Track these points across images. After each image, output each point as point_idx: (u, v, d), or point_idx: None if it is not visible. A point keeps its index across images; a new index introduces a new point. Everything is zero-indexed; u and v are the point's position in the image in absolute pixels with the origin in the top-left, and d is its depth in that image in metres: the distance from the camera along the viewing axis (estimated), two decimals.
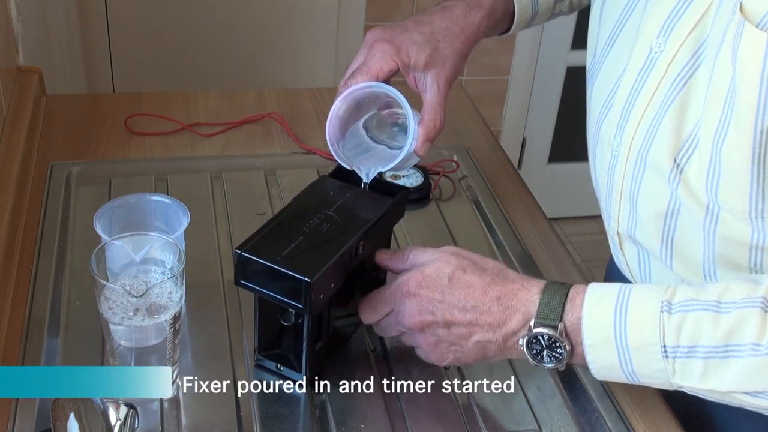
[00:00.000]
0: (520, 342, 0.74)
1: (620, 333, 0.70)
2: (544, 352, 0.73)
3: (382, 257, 0.83)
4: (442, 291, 0.76)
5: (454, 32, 0.91)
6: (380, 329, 0.83)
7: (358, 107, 0.88)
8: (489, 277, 0.76)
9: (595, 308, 0.71)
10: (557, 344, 0.72)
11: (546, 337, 0.72)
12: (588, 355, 0.72)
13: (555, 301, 0.73)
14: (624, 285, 0.72)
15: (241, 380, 0.82)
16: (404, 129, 0.87)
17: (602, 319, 0.71)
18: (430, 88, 0.88)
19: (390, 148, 0.90)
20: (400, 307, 0.78)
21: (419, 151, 0.87)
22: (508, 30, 1.01)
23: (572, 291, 0.73)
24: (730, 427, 0.86)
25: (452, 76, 0.90)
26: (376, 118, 0.91)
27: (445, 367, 0.86)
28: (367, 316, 0.82)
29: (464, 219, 1.10)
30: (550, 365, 0.74)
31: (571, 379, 0.86)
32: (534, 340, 0.73)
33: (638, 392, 0.84)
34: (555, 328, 0.72)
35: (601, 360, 0.72)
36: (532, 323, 0.73)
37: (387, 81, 0.88)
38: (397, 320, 0.79)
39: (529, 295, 0.74)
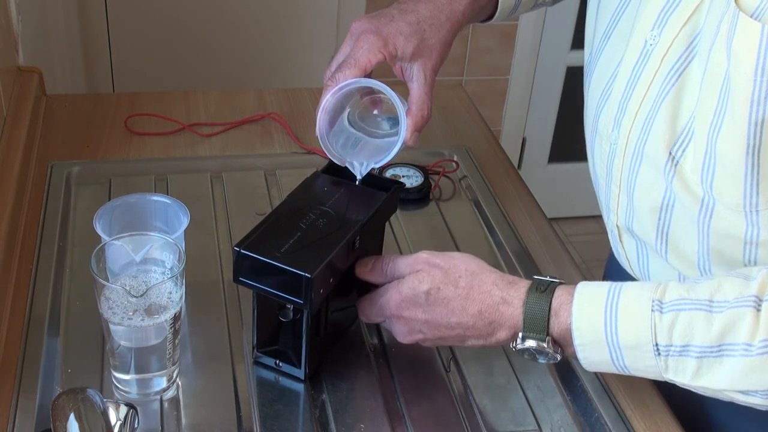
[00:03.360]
0: (512, 346, 0.76)
1: (611, 332, 0.71)
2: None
3: (363, 270, 0.83)
4: (424, 310, 0.77)
5: (440, 20, 0.90)
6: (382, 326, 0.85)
7: (344, 99, 0.88)
8: (464, 290, 0.76)
9: (584, 309, 0.72)
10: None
11: (534, 348, 0.74)
12: (579, 353, 0.73)
13: (539, 314, 0.73)
14: (614, 283, 0.73)
15: (241, 380, 0.82)
16: (388, 115, 0.88)
17: (592, 319, 0.72)
18: (417, 77, 0.88)
19: (376, 137, 0.90)
20: (391, 326, 0.81)
21: (409, 142, 0.87)
22: (491, 17, 1.01)
23: (555, 302, 0.73)
24: (728, 424, 0.86)
25: (438, 64, 0.90)
26: (359, 110, 0.91)
27: (445, 369, 0.86)
28: (365, 319, 0.84)
29: (464, 219, 1.10)
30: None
31: (571, 379, 0.86)
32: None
33: (638, 392, 0.84)
34: (542, 340, 0.73)
35: (593, 356, 0.73)
36: (520, 336, 0.74)
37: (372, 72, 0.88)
38: (393, 334, 0.81)
39: (511, 309, 0.75)
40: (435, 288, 0.76)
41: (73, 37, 1.95)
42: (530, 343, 0.74)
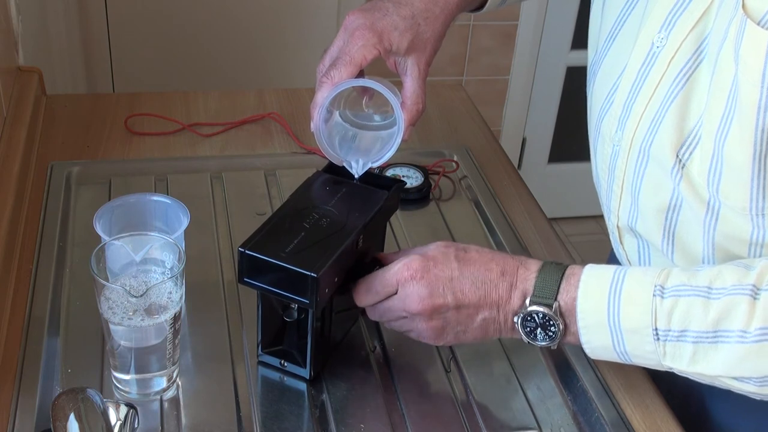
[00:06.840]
0: (515, 319, 0.76)
1: (614, 315, 0.72)
2: (538, 330, 0.75)
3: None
4: (451, 269, 0.77)
5: (434, 13, 0.90)
6: (377, 314, 0.81)
7: (337, 95, 0.88)
8: (489, 254, 0.78)
9: (590, 290, 0.73)
10: (551, 322, 0.74)
11: (540, 315, 0.74)
12: (582, 336, 0.74)
13: (551, 280, 0.75)
14: (619, 267, 0.74)
15: (241, 380, 0.82)
16: (379, 108, 0.89)
17: (597, 301, 0.73)
18: (411, 71, 0.88)
19: (371, 129, 0.90)
20: (407, 291, 0.77)
21: (404, 136, 0.87)
22: (481, 7, 1.00)
23: (568, 271, 0.75)
24: (727, 422, 0.86)
25: (432, 57, 0.90)
26: (349, 102, 0.90)
27: (445, 369, 0.86)
28: (364, 299, 0.80)
29: (464, 219, 1.10)
30: (542, 343, 0.76)
31: (571, 379, 0.86)
32: (529, 318, 0.75)
33: (638, 392, 0.84)
34: (550, 306, 0.74)
35: (595, 341, 0.74)
36: (527, 301, 0.75)
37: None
38: (404, 305, 0.77)
39: (527, 273, 0.76)
40: (462, 251, 0.78)
41: (73, 37, 1.95)
42: (536, 308, 0.74)
